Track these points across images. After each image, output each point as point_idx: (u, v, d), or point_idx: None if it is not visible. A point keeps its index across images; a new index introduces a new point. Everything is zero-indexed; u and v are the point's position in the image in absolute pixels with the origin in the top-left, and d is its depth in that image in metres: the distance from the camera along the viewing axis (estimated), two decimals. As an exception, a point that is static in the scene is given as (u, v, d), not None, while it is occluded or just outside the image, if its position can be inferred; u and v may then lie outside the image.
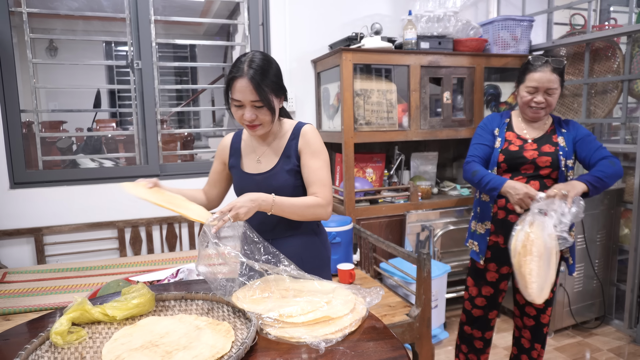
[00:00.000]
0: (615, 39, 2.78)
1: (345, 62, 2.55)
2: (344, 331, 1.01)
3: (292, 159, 1.40)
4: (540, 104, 1.74)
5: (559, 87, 1.74)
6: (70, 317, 1.07)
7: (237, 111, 1.34)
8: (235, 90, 1.30)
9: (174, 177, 2.82)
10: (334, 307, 1.07)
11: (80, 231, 2.63)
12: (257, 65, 1.30)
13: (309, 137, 1.41)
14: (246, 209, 1.20)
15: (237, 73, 1.29)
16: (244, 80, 1.28)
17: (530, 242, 1.54)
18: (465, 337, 2.01)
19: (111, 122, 5.04)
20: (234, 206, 1.20)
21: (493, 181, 1.72)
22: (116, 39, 2.69)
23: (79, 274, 2.38)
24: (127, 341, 1.01)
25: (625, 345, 2.54)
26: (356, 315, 1.06)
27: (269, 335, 0.99)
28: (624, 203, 2.73)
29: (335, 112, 2.79)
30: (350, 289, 1.17)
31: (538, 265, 1.54)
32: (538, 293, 1.55)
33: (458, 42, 2.87)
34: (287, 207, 1.29)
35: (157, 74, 2.76)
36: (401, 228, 2.78)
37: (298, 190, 1.41)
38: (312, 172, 1.37)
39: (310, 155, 1.39)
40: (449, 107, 2.85)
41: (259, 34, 2.95)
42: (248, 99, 1.29)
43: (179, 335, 1.04)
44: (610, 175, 1.64)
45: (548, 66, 1.72)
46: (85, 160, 2.96)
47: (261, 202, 1.24)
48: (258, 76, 1.28)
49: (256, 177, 1.43)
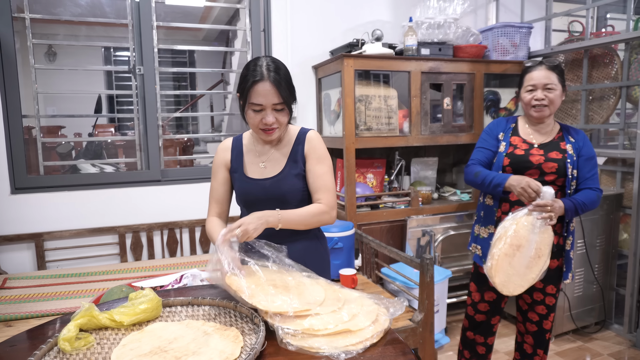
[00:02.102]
0: (613, 46, 2.81)
1: (347, 68, 2.56)
2: (365, 343, 0.99)
3: (299, 163, 1.42)
4: (541, 101, 1.76)
5: (558, 84, 1.76)
6: (78, 323, 1.07)
7: (255, 116, 1.34)
8: (257, 94, 1.30)
9: (175, 182, 2.82)
10: (356, 319, 1.05)
11: (81, 236, 2.63)
12: (274, 68, 1.32)
13: (315, 142, 1.42)
14: (254, 225, 1.21)
15: (257, 77, 1.29)
16: (267, 84, 1.29)
17: (511, 232, 1.63)
18: (468, 343, 2.01)
19: (110, 127, 5.05)
20: (243, 223, 1.21)
21: (497, 178, 1.75)
22: (118, 44, 2.69)
23: (80, 279, 2.38)
24: (136, 347, 1.01)
25: (625, 350, 2.55)
26: (378, 327, 1.05)
27: (289, 345, 0.98)
28: (623, 208, 2.75)
29: (336, 118, 2.80)
30: (373, 298, 1.16)
31: (508, 254, 1.63)
32: (502, 282, 1.65)
33: (458, 48, 2.90)
34: (293, 220, 1.31)
35: (158, 79, 2.76)
36: (402, 233, 2.79)
37: (305, 194, 1.42)
38: (318, 178, 1.39)
39: (316, 160, 1.40)
40: (449, 112, 2.87)
41: (260, 40, 2.96)
42: (270, 102, 1.30)
43: (188, 340, 1.03)
44: (589, 207, 1.71)
45: (543, 65, 1.78)
46: (86, 165, 2.95)
47: (268, 218, 1.26)
48: (279, 78, 1.30)
49: (263, 183, 1.42)
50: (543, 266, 1.64)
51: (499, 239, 1.66)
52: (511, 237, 1.63)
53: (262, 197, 1.37)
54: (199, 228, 2.86)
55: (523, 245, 1.62)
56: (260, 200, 1.37)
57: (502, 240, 1.65)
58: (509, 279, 1.64)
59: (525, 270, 1.63)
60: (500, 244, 1.64)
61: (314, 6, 2.98)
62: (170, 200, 2.79)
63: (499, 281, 1.65)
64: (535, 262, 1.63)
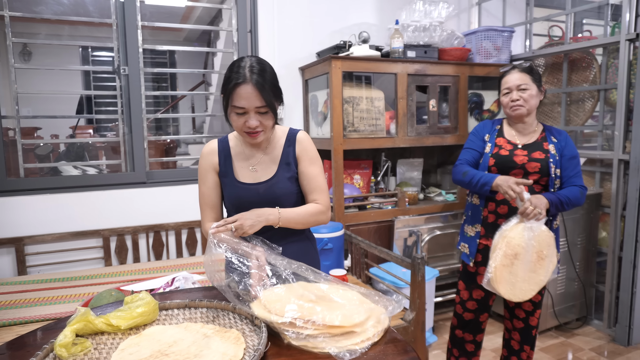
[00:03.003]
0: (591, 50, 2.90)
1: (335, 69, 2.57)
2: (368, 342, 1.00)
3: (291, 166, 1.40)
4: (516, 101, 1.84)
5: (531, 84, 1.83)
6: (74, 328, 1.04)
7: (238, 119, 1.29)
8: (239, 97, 1.25)
9: (161, 184, 2.78)
10: (348, 313, 1.04)
11: (64, 240, 2.56)
12: (259, 70, 1.26)
13: (306, 144, 1.41)
14: (252, 221, 1.21)
15: (240, 79, 1.24)
16: (249, 87, 1.24)
17: (503, 244, 1.66)
18: (457, 341, 2.04)
19: (88, 128, 4.94)
20: (240, 217, 1.20)
21: (484, 177, 1.80)
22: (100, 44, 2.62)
23: (63, 284, 2.32)
24: (135, 351, 1.00)
25: (605, 344, 2.63)
26: (380, 326, 1.05)
27: (292, 340, 0.98)
28: (602, 207, 2.84)
29: (323, 119, 2.81)
30: (371, 296, 1.15)
31: (506, 264, 1.65)
32: (508, 291, 1.68)
33: (443, 51, 2.94)
34: (292, 219, 1.31)
35: (143, 80, 2.72)
36: (389, 233, 2.81)
37: (298, 196, 1.42)
38: (312, 179, 1.39)
39: (308, 162, 1.40)
40: (435, 114, 2.92)
41: (247, 41, 2.95)
42: (253, 105, 1.25)
43: (188, 343, 1.02)
44: (573, 203, 1.77)
45: (515, 68, 1.87)
46: (68, 167, 2.88)
47: (268, 217, 1.25)
48: (262, 81, 1.25)
49: (256, 188, 1.38)
50: (549, 266, 1.68)
51: (493, 252, 1.69)
52: (504, 249, 1.65)
53: (255, 201, 1.34)
54: (186, 230, 2.82)
55: (520, 253, 1.64)
56: (253, 205, 1.33)
57: (496, 253, 1.67)
58: (514, 287, 1.66)
59: (531, 275, 1.66)
60: (495, 257, 1.66)
61: (301, 8, 2.98)
62: (156, 202, 2.75)
63: (504, 291, 1.66)
64: (540, 265, 1.66)
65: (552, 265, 1.71)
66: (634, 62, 2.57)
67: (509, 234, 1.67)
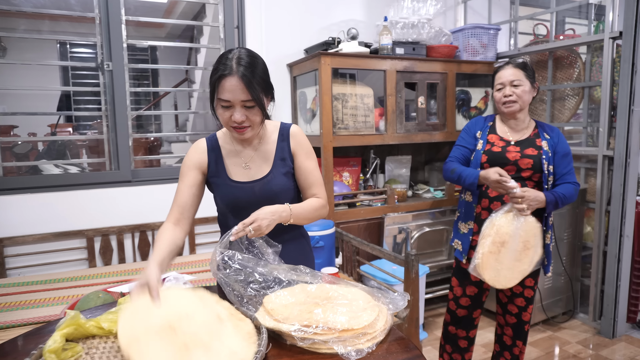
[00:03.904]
0: (575, 48, 2.94)
1: (324, 66, 2.55)
2: (374, 341, 0.98)
3: (287, 161, 1.36)
4: (509, 97, 1.84)
5: (525, 80, 1.84)
6: (63, 332, 1.00)
7: (224, 113, 1.23)
8: (224, 89, 1.19)
9: (146, 183, 2.71)
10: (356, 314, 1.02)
11: (46, 241, 2.48)
12: (246, 62, 1.20)
13: (300, 138, 1.38)
14: (268, 221, 1.18)
15: (226, 71, 1.18)
16: (234, 79, 1.18)
17: (492, 231, 1.68)
18: (450, 337, 2.05)
19: (68, 126, 4.80)
20: (257, 218, 1.16)
21: (469, 176, 1.82)
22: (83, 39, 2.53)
23: (46, 287, 2.24)
24: (147, 317, 0.93)
25: (591, 337, 2.68)
26: (385, 324, 1.04)
27: (299, 342, 0.96)
28: (587, 202, 2.89)
29: (312, 116, 2.78)
30: (373, 293, 1.14)
31: (493, 251, 1.68)
32: (492, 278, 1.70)
33: (431, 48, 2.95)
34: (301, 214, 1.28)
35: (128, 76, 2.65)
36: (379, 231, 2.81)
37: (295, 192, 1.39)
38: (310, 173, 1.36)
39: (305, 156, 1.37)
40: (424, 111, 2.92)
41: (234, 37, 2.90)
42: (239, 98, 1.19)
43: (199, 323, 0.96)
44: (568, 199, 1.79)
45: (509, 64, 1.87)
46: (49, 166, 2.79)
47: (281, 214, 1.22)
48: (249, 73, 1.19)
49: (251, 186, 1.33)
50: (534, 257, 1.70)
51: (481, 239, 1.71)
52: (493, 236, 1.68)
53: (252, 200, 1.30)
54: (172, 230, 2.76)
55: (507, 241, 1.66)
56: (250, 204, 1.28)
57: (484, 240, 1.70)
58: (498, 274, 1.68)
59: (515, 263, 1.68)
60: (483, 243, 1.69)
61: (289, 4, 2.95)
62: (142, 201, 2.68)
63: (488, 277, 1.69)
64: (525, 254, 1.68)
65: (537, 256, 1.73)
66: (617, 60, 2.62)
67: (499, 221, 1.69)
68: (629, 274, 2.66)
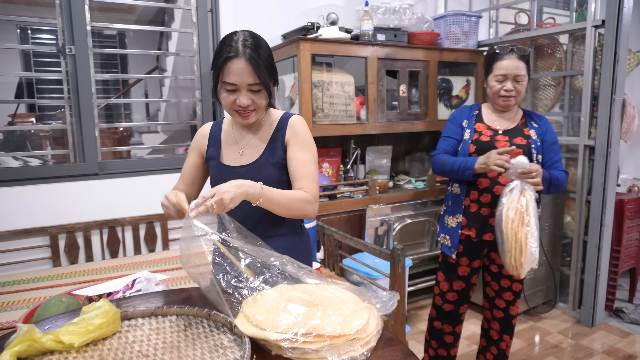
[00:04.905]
0: (556, 37, 2.92)
1: (303, 52, 2.43)
2: (367, 347, 0.90)
3: (278, 151, 1.29)
4: (510, 92, 1.75)
5: (526, 74, 1.76)
6: (14, 351, 0.87)
7: (228, 96, 1.20)
8: (230, 72, 1.16)
9: (115, 176, 2.55)
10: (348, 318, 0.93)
11: (4, 240, 2.29)
12: (252, 44, 1.18)
13: (298, 127, 1.29)
14: (231, 194, 1.06)
15: (231, 53, 1.16)
16: (241, 61, 1.16)
17: (524, 209, 1.54)
18: (435, 333, 1.99)
19: (30, 116, 4.52)
20: (218, 191, 1.05)
21: (465, 162, 1.73)
22: (42, 20, 2.32)
23: (4, 289, 2.07)
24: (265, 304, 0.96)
25: (570, 327, 2.69)
26: (378, 327, 0.96)
27: (288, 353, 0.86)
28: (567, 192, 2.88)
29: (291, 105, 2.67)
30: (361, 293, 1.05)
31: (532, 232, 1.55)
32: (532, 260, 1.55)
33: (412, 35, 2.87)
34: (275, 199, 1.16)
35: (93, 61, 2.47)
36: (360, 223, 2.73)
37: (282, 185, 1.29)
38: (300, 166, 1.26)
39: (298, 147, 1.28)
40: (405, 100, 2.84)
41: (207, 21, 2.74)
42: (245, 81, 1.17)
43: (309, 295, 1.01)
44: (559, 186, 1.73)
45: (514, 54, 1.75)
46: (7, 158, 2.59)
47: (248, 189, 1.10)
48: (256, 55, 1.16)
49: (237, 170, 1.29)
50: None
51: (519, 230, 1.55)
52: (530, 220, 1.55)
53: None
54: (144, 225, 2.61)
55: (534, 221, 1.57)
56: None
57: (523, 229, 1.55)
58: (536, 255, 1.58)
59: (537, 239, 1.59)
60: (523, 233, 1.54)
61: (265, -14, 2.81)
62: (110, 195, 2.52)
63: (531, 262, 1.57)
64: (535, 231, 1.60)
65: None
66: (599, 48, 2.60)
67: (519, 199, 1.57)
68: (607, 263, 2.67)
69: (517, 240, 1.54)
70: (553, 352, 2.41)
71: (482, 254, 1.83)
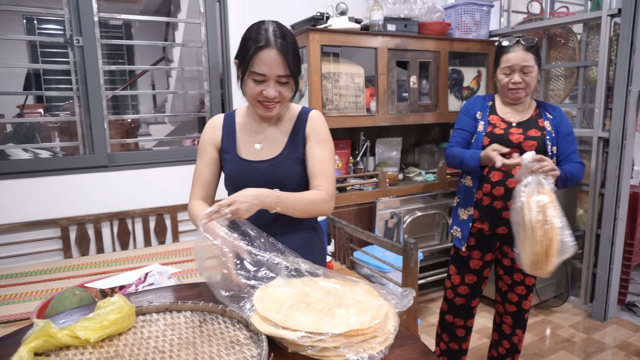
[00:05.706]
0: (570, 26, 2.86)
1: (313, 42, 2.40)
2: (385, 344, 0.88)
3: (299, 145, 1.27)
4: (518, 84, 1.72)
5: (534, 65, 1.72)
6: (31, 346, 0.86)
7: (255, 87, 1.17)
8: (261, 62, 1.13)
9: (124, 168, 2.54)
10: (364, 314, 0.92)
11: (15, 232, 2.30)
12: (282, 34, 1.15)
13: (317, 123, 1.28)
14: (248, 205, 1.04)
15: (263, 42, 1.13)
16: (273, 52, 1.13)
17: (546, 206, 1.41)
18: (447, 326, 1.98)
19: (38, 107, 4.53)
20: (235, 200, 1.04)
21: (470, 159, 1.71)
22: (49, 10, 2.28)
23: (16, 281, 2.08)
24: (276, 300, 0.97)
25: (582, 320, 2.67)
26: (395, 324, 0.94)
27: (307, 350, 0.85)
28: (580, 185, 2.84)
29: (300, 97, 2.64)
30: (376, 289, 1.04)
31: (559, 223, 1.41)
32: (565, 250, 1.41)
33: (423, 25, 2.82)
34: (291, 204, 1.15)
35: (101, 53, 2.45)
36: (370, 216, 2.72)
37: (304, 179, 1.28)
38: (318, 162, 1.24)
39: (317, 142, 1.26)
40: (416, 91, 2.81)
41: (215, 11, 2.71)
42: (275, 73, 1.14)
43: (323, 294, 0.99)
44: (576, 180, 1.67)
45: (520, 45, 1.71)
46: (17, 150, 2.59)
47: (265, 199, 1.09)
48: (287, 47, 1.14)
49: (258, 165, 1.26)
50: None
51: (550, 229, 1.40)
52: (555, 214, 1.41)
53: (255, 181, 1.20)
54: (154, 217, 2.61)
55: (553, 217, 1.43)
56: (253, 185, 1.18)
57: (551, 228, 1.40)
58: None
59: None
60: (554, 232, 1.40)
61: (274, -24, 2.77)
62: (120, 187, 2.52)
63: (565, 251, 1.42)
64: None
65: None
66: (614, 38, 2.54)
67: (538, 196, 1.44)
68: (620, 257, 2.64)
69: (548, 239, 1.39)
70: (564, 346, 2.40)
71: (494, 247, 1.81)
